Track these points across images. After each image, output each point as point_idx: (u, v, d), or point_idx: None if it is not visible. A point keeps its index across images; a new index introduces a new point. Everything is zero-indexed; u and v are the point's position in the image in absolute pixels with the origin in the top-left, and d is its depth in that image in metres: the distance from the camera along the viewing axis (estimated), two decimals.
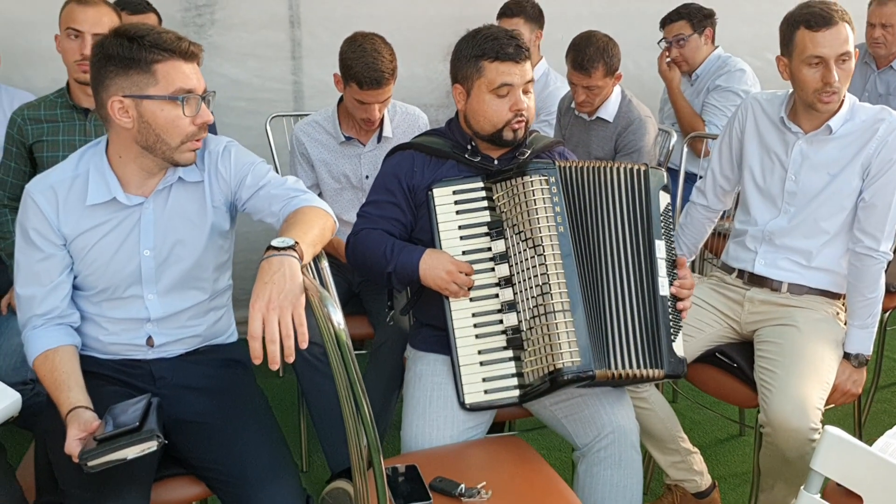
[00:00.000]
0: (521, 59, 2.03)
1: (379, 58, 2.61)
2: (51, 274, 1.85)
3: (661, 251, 2.00)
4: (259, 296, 1.53)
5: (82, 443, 1.62)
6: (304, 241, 1.68)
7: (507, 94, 2.04)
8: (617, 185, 2.03)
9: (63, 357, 1.81)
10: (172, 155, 1.81)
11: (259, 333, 1.50)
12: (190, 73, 1.78)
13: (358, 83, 2.62)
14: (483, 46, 2.04)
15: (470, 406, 2.00)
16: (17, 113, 2.63)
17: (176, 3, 3.61)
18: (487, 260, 2.02)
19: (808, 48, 2.23)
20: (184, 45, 1.77)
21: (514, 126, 2.06)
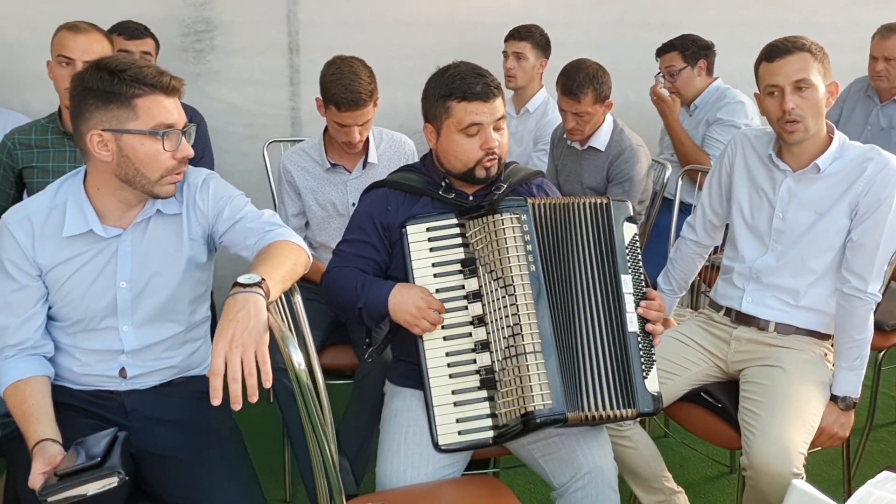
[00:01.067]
0: (490, 97, 2.02)
1: (356, 79, 2.62)
2: (25, 305, 1.85)
3: (627, 286, 1.98)
4: (222, 334, 1.52)
5: (45, 477, 1.61)
6: (273, 278, 1.67)
7: (476, 133, 2.02)
8: (583, 220, 2.01)
9: (34, 388, 1.80)
10: (152, 188, 1.82)
11: (221, 371, 1.50)
12: (171, 107, 1.79)
13: (336, 105, 2.63)
14: (451, 86, 2.03)
15: (443, 447, 1.98)
16: (7, 137, 2.66)
17: (175, 29, 3.65)
18: (461, 298, 2.00)
19: (765, 78, 2.27)
20: (165, 79, 1.78)
21: (485, 164, 2.05)
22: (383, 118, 3.08)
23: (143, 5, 3.54)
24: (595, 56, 3.27)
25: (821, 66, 2.23)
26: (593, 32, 4.07)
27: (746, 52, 4.25)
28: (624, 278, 1.97)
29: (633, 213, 2.05)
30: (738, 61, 4.20)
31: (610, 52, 3.71)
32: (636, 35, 4.10)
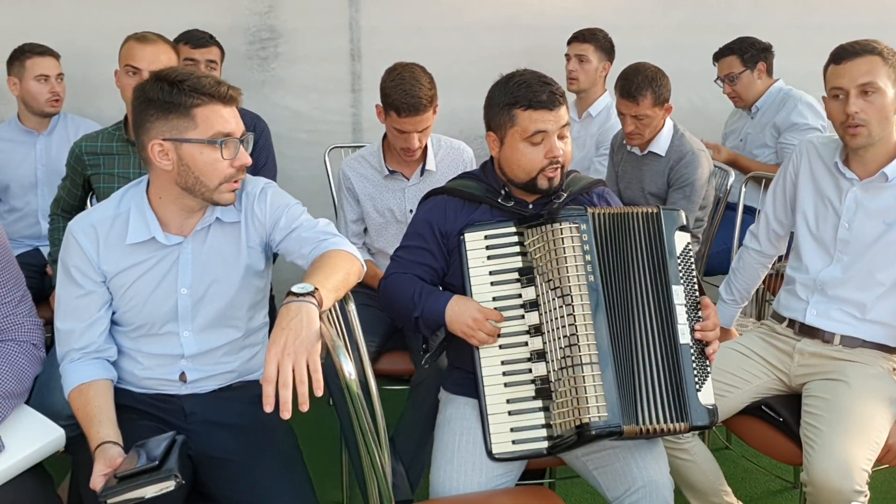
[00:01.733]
0: (556, 105, 2.00)
1: (417, 85, 2.63)
2: (90, 310, 1.91)
3: (679, 297, 1.95)
4: (275, 341, 1.55)
5: (105, 478, 1.66)
6: (326, 287, 1.69)
7: (541, 142, 2.01)
8: (636, 230, 1.99)
9: (97, 391, 1.86)
10: (212, 196, 1.86)
11: (273, 378, 1.52)
12: (228, 116, 1.82)
13: (396, 110, 2.65)
14: (516, 94, 2.02)
15: (497, 456, 1.97)
16: (77, 144, 2.75)
17: (240, 37, 3.73)
18: (518, 307, 2.00)
19: (831, 80, 2.23)
20: (222, 89, 1.81)
21: (548, 174, 2.04)
22: (443, 124, 3.09)
23: (210, 14, 3.63)
24: (660, 60, 3.23)
25: (891, 71, 2.16)
26: (658, 36, 4.01)
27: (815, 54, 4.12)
28: (675, 289, 1.95)
29: (685, 221, 2.02)
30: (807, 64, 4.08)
31: (675, 56, 3.66)
32: (702, 38, 4.01)
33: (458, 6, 3.88)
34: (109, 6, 3.58)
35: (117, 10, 3.57)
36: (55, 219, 2.89)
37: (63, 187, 2.84)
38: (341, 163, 2.98)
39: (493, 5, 3.92)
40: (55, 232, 2.86)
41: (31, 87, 3.27)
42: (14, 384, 1.80)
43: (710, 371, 1.95)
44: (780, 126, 3.60)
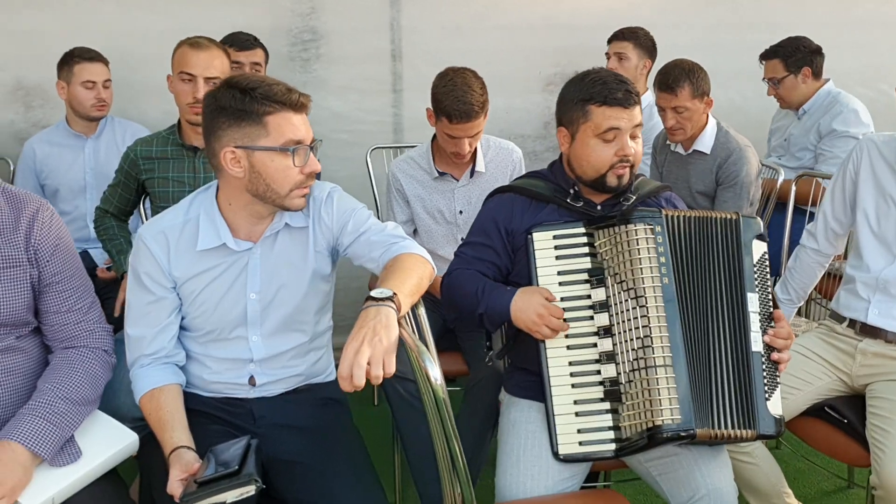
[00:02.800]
0: (631, 103, 2.00)
1: (469, 91, 2.62)
2: (160, 316, 1.91)
3: (753, 304, 1.93)
4: (354, 338, 1.55)
5: (183, 484, 1.66)
6: (402, 292, 1.69)
7: (613, 139, 2.01)
8: (713, 235, 1.98)
9: (168, 396, 1.86)
10: (283, 202, 1.86)
11: (348, 374, 1.52)
12: (299, 124, 1.82)
13: (448, 117, 2.64)
14: (591, 90, 2.01)
15: (563, 457, 1.96)
16: (131, 148, 2.75)
17: (283, 38, 3.73)
18: (586, 308, 1.99)
19: None
20: (294, 96, 1.81)
21: (618, 171, 2.03)
22: None
23: (252, 17, 3.63)
24: (700, 58, 3.20)
25: None
26: (698, 34, 3.98)
27: (857, 50, 4.16)
28: (750, 296, 1.93)
29: (762, 230, 2.00)
30: (849, 60, 4.09)
31: (715, 53, 3.63)
32: (742, 36, 4.00)
33: (498, 6, 3.86)
34: (153, 10, 3.58)
35: (161, 14, 3.58)
36: (104, 218, 2.86)
37: (112, 194, 2.82)
38: (391, 164, 2.97)
39: (531, 5, 3.90)
40: (109, 230, 2.83)
41: (77, 93, 3.28)
42: (89, 390, 1.80)
43: (779, 381, 1.94)
44: (822, 131, 3.57)
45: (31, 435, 1.65)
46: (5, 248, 1.76)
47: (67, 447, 1.72)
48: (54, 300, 1.83)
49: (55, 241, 1.83)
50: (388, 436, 3.14)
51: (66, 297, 1.85)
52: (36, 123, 3.63)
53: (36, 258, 1.80)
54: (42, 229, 1.81)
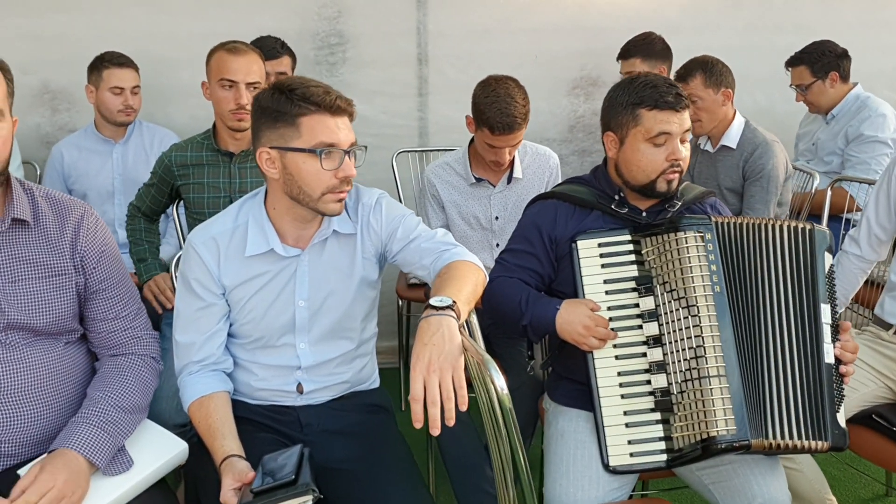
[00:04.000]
0: (681, 107, 1.98)
1: (512, 103, 2.60)
2: (209, 322, 1.90)
3: (826, 316, 1.91)
4: (420, 357, 1.52)
5: (237, 493, 1.64)
6: (460, 300, 1.67)
7: (664, 143, 1.99)
8: (779, 243, 1.94)
9: (217, 404, 1.85)
10: (316, 205, 1.83)
11: (421, 396, 1.49)
12: (334, 127, 1.78)
13: (490, 128, 2.61)
14: (641, 94, 1.99)
15: (614, 468, 1.94)
16: (166, 154, 2.73)
17: (309, 43, 3.72)
18: (634, 317, 1.96)
19: None
20: (330, 98, 1.77)
21: (668, 176, 2.00)
22: None
23: (279, 20, 3.62)
24: (726, 61, 3.19)
25: None
26: (725, 37, 3.95)
27: (885, 53, 4.12)
28: (823, 307, 1.90)
29: (832, 242, 1.98)
30: (877, 63, 4.07)
31: (742, 57, 3.61)
32: (770, 39, 3.97)
33: (525, 9, 3.84)
34: (181, 14, 3.57)
35: (189, 18, 3.57)
36: (135, 218, 2.85)
37: (146, 193, 2.80)
38: (426, 170, 2.95)
39: (558, 8, 3.87)
40: (136, 232, 2.83)
41: (105, 98, 3.26)
42: (140, 398, 1.79)
43: (844, 394, 1.91)
44: (850, 136, 3.54)
45: (87, 443, 1.63)
46: (51, 257, 1.74)
47: (119, 456, 1.70)
48: (101, 307, 1.82)
49: (101, 248, 1.82)
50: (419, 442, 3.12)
51: (113, 303, 1.83)
52: (62, 127, 3.62)
53: (82, 265, 1.78)
54: (88, 236, 1.79)
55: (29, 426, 1.69)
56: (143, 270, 2.74)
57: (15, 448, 1.68)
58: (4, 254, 1.69)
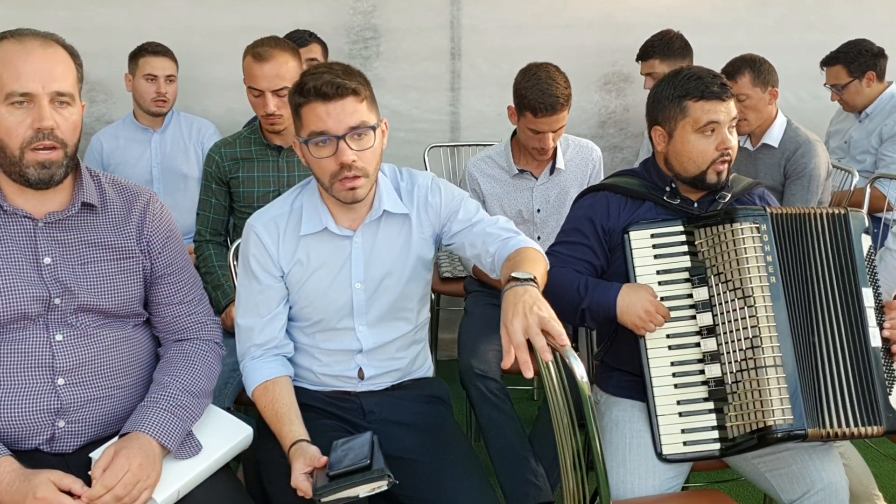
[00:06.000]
0: (727, 96, 2.01)
1: (553, 84, 2.62)
2: (269, 305, 1.92)
3: (868, 299, 1.93)
4: (514, 313, 1.56)
5: (308, 477, 1.66)
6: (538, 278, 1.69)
7: (712, 133, 2.01)
8: (821, 231, 1.96)
9: (282, 389, 1.87)
10: (332, 194, 1.87)
11: (523, 340, 1.52)
12: (324, 114, 1.77)
13: (532, 111, 2.62)
14: (686, 86, 2.02)
15: (667, 457, 1.96)
16: (213, 150, 2.73)
17: (343, 37, 3.75)
18: (688, 307, 1.98)
19: None
20: (318, 84, 1.76)
21: (717, 167, 2.03)
22: None
23: (315, 14, 3.65)
24: None
25: None
26: (756, 34, 3.96)
27: None
28: (865, 291, 1.92)
29: (868, 224, 1.99)
30: None
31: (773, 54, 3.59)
32: (801, 36, 3.98)
33: (558, 4, 3.86)
34: (220, 7, 3.60)
35: (226, 11, 3.60)
36: (202, 247, 2.75)
37: (206, 207, 2.76)
38: (467, 163, 2.96)
39: (590, 4, 3.89)
40: (206, 260, 2.71)
41: (139, 85, 3.30)
42: (206, 383, 1.81)
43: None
44: (884, 135, 3.55)
45: (159, 427, 1.66)
46: (119, 241, 1.76)
47: (188, 440, 1.72)
48: (166, 292, 1.84)
49: (166, 233, 1.84)
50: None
51: (177, 288, 1.85)
52: (99, 118, 3.65)
53: (149, 249, 1.80)
54: (153, 221, 1.82)
55: (98, 406, 1.71)
56: (220, 297, 2.64)
57: (84, 427, 1.70)
58: (75, 237, 1.72)
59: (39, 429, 1.66)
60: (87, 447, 1.69)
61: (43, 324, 1.68)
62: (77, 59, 1.71)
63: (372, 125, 1.81)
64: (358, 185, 1.83)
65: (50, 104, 1.62)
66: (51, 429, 1.67)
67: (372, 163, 1.84)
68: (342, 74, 1.78)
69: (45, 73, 1.62)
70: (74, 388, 1.68)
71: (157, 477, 1.62)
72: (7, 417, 1.64)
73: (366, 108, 1.81)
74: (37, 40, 1.65)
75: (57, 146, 1.63)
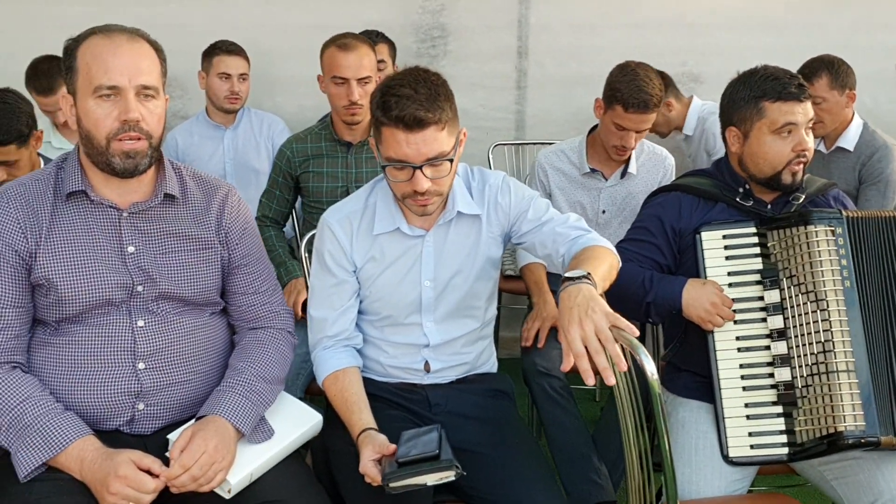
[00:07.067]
0: (805, 97, 1.99)
1: (649, 83, 2.61)
2: (342, 298, 1.96)
3: None
4: (570, 319, 1.54)
5: (376, 464, 1.70)
6: (596, 275, 1.68)
7: (789, 134, 1.99)
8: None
9: (351, 379, 1.91)
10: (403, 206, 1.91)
11: (583, 351, 1.51)
12: (404, 143, 1.77)
13: (624, 105, 2.61)
14: (763, 87, 2.00)
15: (734, 460, 1.94)
16: (286, 145, 2.80)
17: (412, 35, 3.78)
18: (758, 310, 1.97)
19: None
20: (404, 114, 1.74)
21: (793, 168, 2.00)
22: None
23: (384, 13, 3.70)
24: None
25: None
26: (831, 36, 3.86)
27: None
28: None
29: None
30: None
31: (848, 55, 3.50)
32: (877, 38, 3.88)
33: (628, 4, 3.83)
34: (292, 5, 3.67)
35: (299, 10, 3.67)
36: (265, 228, 2.82)
37: (270, 196, 2.84)
38: (538, 154, 2.96)
39: (662, 3, 3.86)
40: (269, 240, 2.78)
41: (213, 83, 3.38)
42: (279, 370, 1.86)
43: None
44: None
45: (234, 411, 1.71)
46: (199, 231, 1.82)
47: (261, 425, 1.77)
48: (242, 282, 1.89)
49: (244, 225, 1.90)
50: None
51: (252, 279, 1.91)
52: (175, 114, 3.74)
53: (227, 240, 1.86)
54: (232, 213, 1.87)
55: (176, 390, 1.77)
56: (283, 273, 2.69)
57: (162, 410, 1.77)
58: (157, 227, 1.78)
59: (120, 410, 1.73)
60: (165, 429, 1.76)
61: (126, 310, 1.75)
62: (161, 53, 1.78)
63: (449, 156, 1.81)
64: (429, 203, 1.86)
65: (136, 97, 1.68)
66: (131, 411, 1.74)
67: (446, 185, 1.86)
68: (426, 103, 1.75)
69: (132, 67, 1.68)
70: (154, 373, 1.75)
71: (232, 459, 1.67)
72: (91, 399, 1.71)
73: (445, 136, 1.80)
74: (124, 35, 1.71)
75: (142, 137, 1.69)
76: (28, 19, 3.61)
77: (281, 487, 1.70)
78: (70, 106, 1.72)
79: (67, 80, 1.72)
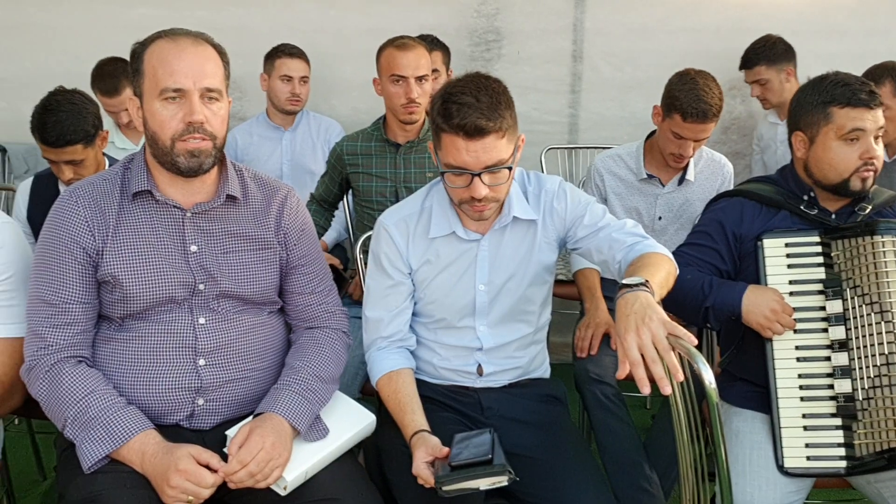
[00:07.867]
0: (875, 104, 1.95)
1: (710, 93, 2.58)
2: (397, 300, 1.98)
3: None
4: (627, 327, 1.53)
5: (429, 466, 1.71)
6: (654, 282, 1.67)
7: (857, 141, 1.95)
8: None
9: (405, 380, 1.93)
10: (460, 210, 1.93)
11: (639, 359, 1.49)
12: (463, 151, 1.77)
13: (682, 114, 2.59)
14: (833, 92, 1.97)
15: (789, 471, 1.91)
16: (338, 144, 2.87)
17: (466, 39, 3.80)
18: (819, 320, 1.93)
19: None
20: (465, 123, 1.75)
21: (862, 174, 1.97)
22: None
23: (439, 16, 3.72)
24: None
25: None
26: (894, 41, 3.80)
27: None
28: None
29: None
30: None
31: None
32: None
33: (685, 8, 3.79)
34: (349, 10, 3.71)
35: (356, 14, 3.71)
36: (310, 203, 3.00)
37: (322, 183, 2.97)
38: (595, 159, 2.95)
39: (720, 7, 3.81)
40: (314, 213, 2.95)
41: (275, 85, 3.44)
42: (335, 369, 1.88)
43: None
44: None
45: (290, 409, 1.73)
46: (259, 231, 1.85)
47: (316, 424, 1.80)
48: (299, 282, 1.92)
49: (301, 226, 1.93)
50: None
51: (309, 279, 1.93)
52: (233, 116, 3.75)
53: (285, 241, 1.89)
54: (290, 214, 1.90)
55: (234, 387, 1.81)
56: None
57: (221, 406, 1.80)
58: (219, 227, 1.82)
59: (181, 405, 1.77)
60: (223, 425, 1.79)
61: (188, 307, 1.79)
62: (225, 57, 1.81)
63: (508, 164, 1.82)
64: (486, 209, 1.87)
65: (200, 99, 1.71)
66: (191, 406, 1.77)
67: (503, 192, 1.87)
68: (487, 111, 1.75)
69: (197, 70, 1.71)
70: (214, 369, 1.78)
71: (288, 457, 1.69)
72: (153, 393, 1.75)
73: (505, 144, 1.80)
74: (189, 39, 1.75)
75: (206, 138, 1.72)
76: (93, 21, 3.71)
77: (336, 486, 1.72)
78: (137, 108, 1.77)
79: (134, 83, 1.76)
